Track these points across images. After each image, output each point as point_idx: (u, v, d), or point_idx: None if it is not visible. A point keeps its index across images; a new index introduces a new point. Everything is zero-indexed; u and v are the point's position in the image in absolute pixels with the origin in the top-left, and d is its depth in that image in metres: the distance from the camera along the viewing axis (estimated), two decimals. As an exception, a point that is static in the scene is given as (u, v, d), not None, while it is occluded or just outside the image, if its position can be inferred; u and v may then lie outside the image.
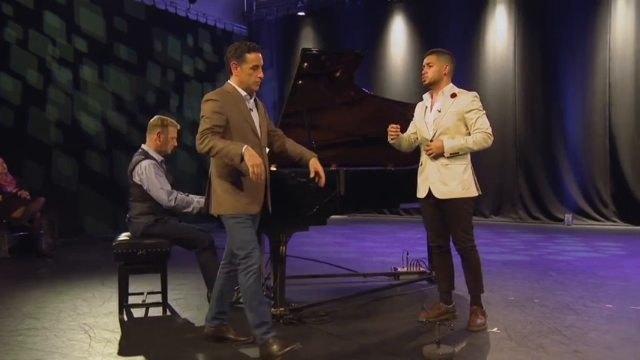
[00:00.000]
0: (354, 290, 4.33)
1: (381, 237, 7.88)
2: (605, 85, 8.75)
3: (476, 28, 9.72)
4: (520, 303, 3.95)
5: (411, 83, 10.30)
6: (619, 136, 8.67)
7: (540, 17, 9.21)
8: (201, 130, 2.83)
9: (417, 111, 3.56)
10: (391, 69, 10.63)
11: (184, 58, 10.37)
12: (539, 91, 9.28)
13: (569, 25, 8.90)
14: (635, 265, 5.42)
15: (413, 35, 10.41)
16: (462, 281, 3.63)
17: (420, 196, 3.45)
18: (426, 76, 3.41)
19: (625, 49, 8.62)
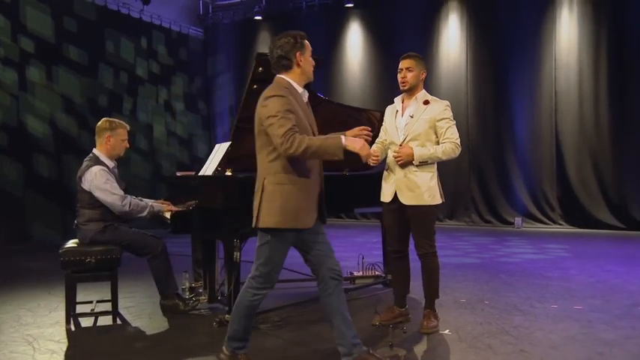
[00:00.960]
0: (310, 295, 4.32)
1: (338, 241, 7.89)
2: (552, 93, 9.12)
3: (430, 36, 9.94)
4: (471, 305, 4.05)
5: (367, 89, 10.44)
6: (564, 142, 9.05)
7: (491, 26, 9.51)
8: (284, 132, 2.46)
9: (386, 114, 3.58)
10: (348, 74, 10.74)
11: (138, 61, 10.15)
12: (490, 98, 9.58)
13: (517, 34, 9.22)
14: (579, 266, 5.66)
15: (369, 41, 10.56)
16: (416, 285, 3.70)
17: (385, 200, 3.46)
18: (405, 81, 3.41)
19: (569, 58, 9.02)
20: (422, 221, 3.36)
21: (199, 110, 11.57)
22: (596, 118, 8.80)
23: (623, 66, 8.58)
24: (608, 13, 8.68)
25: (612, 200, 8.71)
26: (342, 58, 10.74)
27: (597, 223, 8.72)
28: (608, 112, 8.72)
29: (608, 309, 3.88)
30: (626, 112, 8.57)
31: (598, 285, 4.72)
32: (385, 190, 3.47)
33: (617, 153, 8.66)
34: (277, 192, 2.56)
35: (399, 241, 3.48)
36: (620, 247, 7.05)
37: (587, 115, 8.89)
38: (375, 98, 10.13)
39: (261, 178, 2.62)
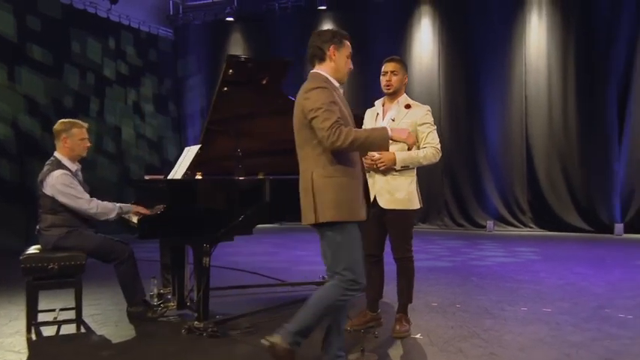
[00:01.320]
0: (282, 300, 4.32)
1: (312, 245, 7.89)
2: (522, 97, 9.32)
3: (403, 39, 10.05)
4: (442, 308, 4.10)
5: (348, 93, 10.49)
6: (534, 145, 9.25)
7: (463, 30, 9.67)
8: (330, 125, 2.40)
9: (366, 117, 3.59)
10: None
11: (105, 61, 9.97)
12: (462, 101, 9.74)
13: (489, 38, 9.39)
14: (548, 269, 5.79)
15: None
16: (389, 289, 3.73)
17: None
18: (390, 84, 3.41)
19: (538, 63, 9.24)
20: (400, 225, 3.39)
21: (169, 112, 11.44)
22: (565, 121, 9.04)
23: (590, 70, 8.83)
24: (576, 18, 8.93)
25: (581, 203, 8.94)
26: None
27: (566, 226, 8.94)
28: (576, 116, 8.96)
29: (576, 311, 3.98)
30: (593, 116, 8.81)
31: (567, 287, 4.83)
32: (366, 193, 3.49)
33: (585, 156, 8.89)
34: (329, 185, 2.52)
35: (375, 246, 3.49)
36: (589, 250, 7.24)
37: (556, 119, 9.12)
38: (348, 101, 10.16)
39: (308, 172, 2.57)
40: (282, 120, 4.28)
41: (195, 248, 3.45)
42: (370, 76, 9.77)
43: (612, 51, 8.60)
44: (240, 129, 3.92)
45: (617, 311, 3.96)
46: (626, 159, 8.66)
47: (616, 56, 8.60)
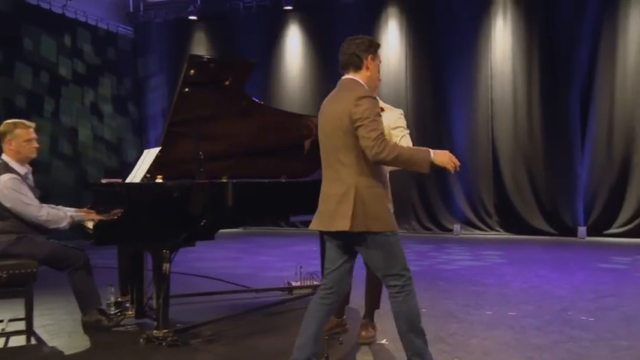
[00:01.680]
0: (245, 307, 4.30)
1: (277, 251, 7.90)
2: (488, 101, 9.53)
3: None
4: (409, 313, 4.14)
5: (307, 94, 10.51)
6: (500, 148, 9.47)
7: (430, 32, 9.82)
8: (377, 136, 2.49)
9: None
10: (287, 79, 10.76)
11: (61, 59, 9.72)
12: (429, 104, 9.89)
13: (455, 40, 9.55)
14: (514, 273, 5.93)
15: (309, 45, 10.64)
16: (355, 294, 3.75)
17: None
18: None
19: (504, 67, 9.47)
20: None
21: (129, 113, 11.23)
22: (530, 125, 9.28)
23: (554, 74, 9.10)
24: (539, 22, 9.18)
25: (545, 206, 9.19)
26: (280, 62, 10.76)
27: (532, 229, 9.17)
28: (540, 120, 9.21)
29: (540, 314, 4.09)
30: (557, 120, 9.08)
31: (531, 291, 4.96)
32: None
33: (550, 159, 9.15)
34: (372, 195, 2.60)
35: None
36: (553, 253, 7.44)
37: (521, 123, 9.36)
38: (316, 104, 10.21)
39: (348, 179, 2.60)
40: (247, 122, 4.29)
41: (154, 254, 3.40)
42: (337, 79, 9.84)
43: (574, 55, 8.88)
44: (202, 131, 3.87)
45: (580, 314, 4.08)
46: (588, 163, 8.95)
47: (578, 61, 8.89)
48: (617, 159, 8.74)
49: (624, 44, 8.70)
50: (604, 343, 3.36)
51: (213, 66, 3.80)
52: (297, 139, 4.67)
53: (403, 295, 2.69)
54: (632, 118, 8.66)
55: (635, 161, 8.63)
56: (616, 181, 8.74)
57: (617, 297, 4.65)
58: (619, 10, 8.72)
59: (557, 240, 8.73)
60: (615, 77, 8.74)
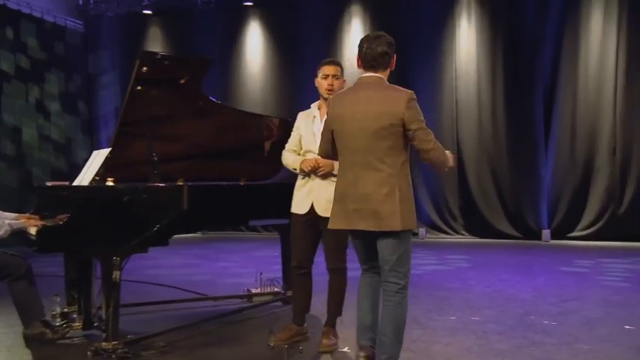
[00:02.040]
0: (202, 316, 4.25)
1: (237, 256, 7.84)
2: (453, 102, 9.71)
3: (333, 40, 10.18)
4: (372, 319, 4.18)
5: (269, 94, 10.47)
6: (465, 151, 9.66)
7: (394, 31, 9.81)
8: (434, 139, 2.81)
9: (300, 120, 3.59)
10: (247, 78, 10.69)
11: (2, 54, 9.39)
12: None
13: (420, 40, 9.66)
14: (478, 277, 6.05)
15: (270, 43, 10.60)
16: (316, 301, 3.75)
17: (300, 211, 3.47)
18: (333, 89, 3.41)
19: (468, 67, 9.66)
20: (337, 234, 3.39)
21: (79, 112, 10.94)
22: (494, 127, 9.48)
23: (517, 75, 9.33)
24: (503, 23, 9.38)
25: (510, 209, 9.42)
26: (240, 60, 10.68)
27: (496, 232, 9.38)
28: (505, 122, 9.42)
29: (503, 319, 4.18)
30: (521, 122, 9.31)
31: (494, 295, 5.07)
32: (300, 201, 3.48)
33: (514, 162, 9.38)
34: (411, 194, 2.81)
35: (307, 258, 3.52)
36: (517, 257, 7.64)
37: (485, 125, 9.57)
38: (278, 103, 10.20)
39: (392, 179, 2.75)
40: (204, 122, 4.26)
41: (103, 261, 3.32)
42: (300, 78, 9.87)
43: (538, 56, 9.14)
44: (156, 131, 3.81)
45: (542, 318, 4.20)
46: (552, 165, 9.23)
47: (541, 62, 9.16)
48: (580, 161, 9.04)
49: (586, 46, 9.01)
50: (566, 347, 3.47)
51: (167, 63, 3.77)
52: (257, 140, 4.67)
53: (400, 297, 2.82)
54: (595, 119, 8.97)
55: (598, 164, 8.94)
56: (579, 184, 9.04)
57: (579, 300, 4.81)
58: (581, 11, 9.03)
59: (521, 243, 8.96)
60: (578, 78, 9.04)
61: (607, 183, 8.88)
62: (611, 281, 5.75)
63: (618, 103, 8.82)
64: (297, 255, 3.55)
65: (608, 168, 8.87)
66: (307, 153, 3.51)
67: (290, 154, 3.59)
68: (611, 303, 4.70)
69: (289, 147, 3.63)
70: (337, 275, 3.50)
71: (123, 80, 10.88)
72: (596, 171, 8.96)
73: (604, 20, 8.91)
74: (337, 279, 3.51)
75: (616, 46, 8.82)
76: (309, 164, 3.39)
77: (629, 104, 8.80)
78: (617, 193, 8.83)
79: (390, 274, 2.82)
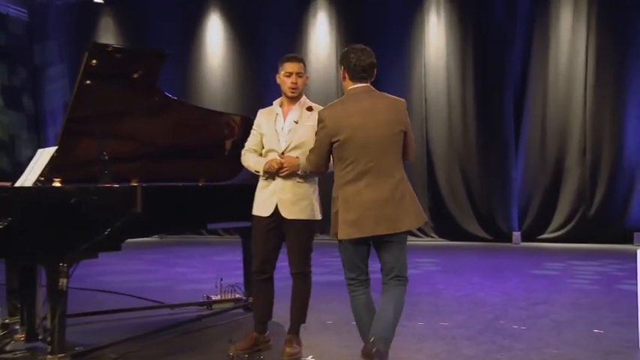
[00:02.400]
0: (158, 325, 4.19)
1: (196, 261, 7.78)
2: (422, 100, 9.84)
3: (297, 34, 10.20)
4: (337, 327, 4.19)
5: (231, 90, 10.41)
6: (435, 150, 9.80)
7: (361, 25, 10.00)
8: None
9: (261, 118, 3.56)
10: (207, 73, 10.60)
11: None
12: (361, 103, 10.05)
13: (389, 35, 9.77)
14: (447, 281, 6.15)
15: (232, 37, 10.54)
16: (278, 307, 3.75)
17: (263, 214, 3.46)
18: (296, 87, 3.44)
19: (438, 64, 9.80)
20: (302, 237, 3.44)
21: (24, 107, 10.65)
22: (464, 126, 9.65)
23: (488, 73, 9.53)
24: (473, 20, 9.61)
25: (480, 211, 9.61)
26: (200, 53, 10.60)
27: (466, 234, 9.56)
28: (474, 121, 9.61)
29: (471, 324, 4.26)
30: (491, 121, 9.52)
31: (463, 299, 5.15)
32: (263, 203, 3.47)
33: (484, 162, 9.58)
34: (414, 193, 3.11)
35: (269, 262, 3.51)
36: (487, 260, 7.79)
37: (455, 124, 9.72)
38: (240, 100, 10.15)
39: (401, 183, 3.04)
40: (160, 119, 4.20)
41: (48, 268, 3.24)
42: (263, 73, 9.82)
43: (508, 54, 9.37)
44: (108, 129, 3.74)
45: (512, 322, 4.29)
46: (522, 165, 9.46)
47: (511, 59, 9.38)
48: (551, 161, 9.29)
49: (556, 44, 9.27)
50: (535, 352, 3.55)
51: (119, 56, 3.72)
52: (217, 139, 4.65)
53: (405, 287, 3.23)
54: (565, 118, 9.23)
55: (568, 164, 9.20)
56: (549, 185, 9.29)
57: (549, 304, 4.93)
58: (550, 8, 9.30)
59: (492, 246, 9.13)
60: (548, 77, 9.29)
61: (577, 184, 9.15)
62: (581, 284, 5.92)
63: (588, 101, 9.11)
64: (259, 259, 3.53)
65: (579, 168, 9.14)
66: (270, 153, 3.49)
67: (251, 155, 3.57)
68: (580, 306, 4.84)
69: (249, 146, 3.60)
70: (302, 280, 3.51)
71: (72, 73, 10.65)
72: (566, 171, 9.23)
73: (573, 18, 9.19)
74: (301, 284, 3.51)
75: (585, 44, 9.10)
76: (274, 165, 3.37)
77: (599, 103, 9.10)
78: (588, 194, 9.12)
79: (404, 270, 3.22)
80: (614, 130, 9.08)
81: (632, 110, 9.01)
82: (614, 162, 9.05)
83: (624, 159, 9.03)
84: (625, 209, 9.04)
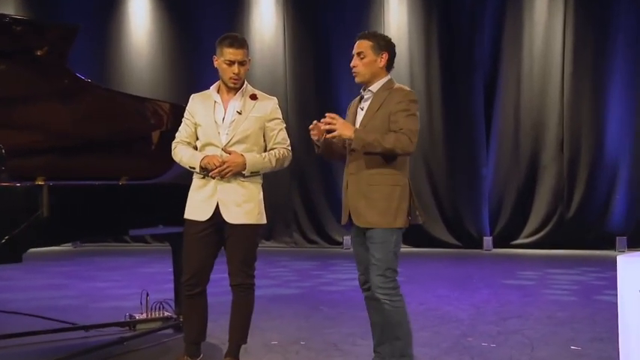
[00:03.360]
0: (70, 350, 4.08)
1: (118, 274, 7.65)
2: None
3: (239, 12, 10.11)
4: (283, 347, 4.18)
5: (159, 72, 10.23)
6: (396, 146, 9.89)
7: (312, 3, 10.00)
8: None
9: (197, 105, 3.51)
10: (130, 52, 10.39)
11: None
12: (313, 90, 10.05)
13: (343, 16, 9.81)
14: (409, 293, 6.11)
15: (160, 8, 10.35)
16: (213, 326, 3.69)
17: (199, 218, 3.43)
18: (239, 78, 3.41)
19: (399, 48, 9.78)
20: (246, 244, 3.45)
21: None
22: (429, 118, 9.75)
23: (455, 59, 9.67)
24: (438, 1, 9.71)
25: (447, 214, 9.76)
26: (121, 29, 10.39)
27: (432, 240, 9.68)
28: (441, 112, 9.74)
29: (436, 342, 4.30)
30: (459, 113, 9.67)
31: (428, 314, 5.21)
32: (199, 205, 3.44)
33: (451, 159, 9.72)
34: None
35: (201, 272, 3.47)
36: (455, 268, 7.92)
37: (419, 116, 9.79)
38: (171, 84, 9.98)
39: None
40: (71, 106, 4.11)
41: None
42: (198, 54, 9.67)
43: (477, 39, 9.52)
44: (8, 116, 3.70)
45: (481, 339, 4.35)
46: (494, 162, 9.65)
47: (481, 45, 9.54)
48: (525, 157, 9.52)
49: (530, 27, 9.49)
50: (505, 372, 3.61)
51: (20, 29, 3.61)
52: (141, 130, 4.62)
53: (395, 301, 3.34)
54: (540, 110, 9.47)
55: (544, 161, 9.45)
56: (524, 184, 9.53)
57: (522, 318, 5.03)
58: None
59: (460, 253, 9.30)
60: (521, 64, 9.51)
61: (554, 182, 9.40)
62: (557, 295, 6.08)
63: (566, 91, 9.37)
64: (190, 270, 3.49)
65: (555, 166, 9.39)
66: (207, 147, 3.44)
67: (184, 148, 3.50)
68: (555, 320, 4.95)
69: (181, 138, 3.55)
70: (244, 293, 3.50)
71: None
72: (542, 169, 9.47)
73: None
74: (245, 298, 3.51)
75: (563, 26, 9.35)
76: (213, 162, 3.31)
77: (578, 93, 9.37)
78: (565, 194, 9.38)
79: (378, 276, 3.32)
80: (594, 122, 9.37)
81: (613, 100, 9.29)
82: (594, 158, 9.34)
83: (605, 154, 9.32)
84: (606, 211, 9.35)
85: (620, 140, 9.30)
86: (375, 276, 3.25)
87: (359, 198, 3.28)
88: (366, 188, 3.26)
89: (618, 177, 9.29)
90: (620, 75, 9.25)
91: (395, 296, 3.26)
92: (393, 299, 3.25)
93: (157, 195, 4.30)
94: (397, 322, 3.26)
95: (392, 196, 3.25)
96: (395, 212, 3.25)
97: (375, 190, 3.25)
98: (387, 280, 3.25)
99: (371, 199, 3.25)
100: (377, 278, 3.24)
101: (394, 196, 3.25)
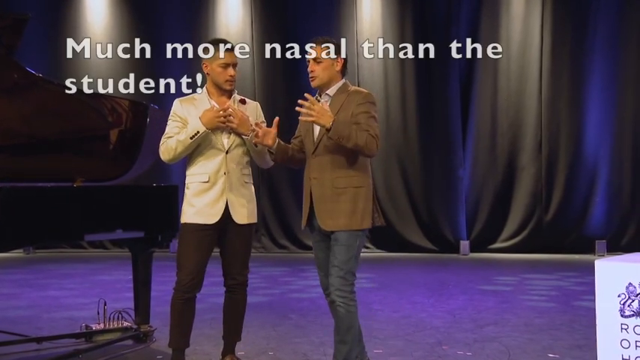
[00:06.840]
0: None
1: (73, 281, 7.57)
2: (354, 84, 9.91)
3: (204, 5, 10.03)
4: (250, 359, 4.17)
5: (119, 66, 10.09)
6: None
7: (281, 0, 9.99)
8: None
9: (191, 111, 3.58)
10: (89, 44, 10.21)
11: None
12: (282, 88, 10.04)
13: (312, 11, 9.82)
14: (383, 300, 6.22)
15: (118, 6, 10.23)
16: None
17: (210, 221, 3.53)
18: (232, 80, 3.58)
19: (372, 41, 9.88)
20: (247, 243, 3.73)
21: None
22: (403, 117, 9.83)
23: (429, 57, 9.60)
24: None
25: (422, 217, 9.82)
26: (76, 20, 10.22)
27: (407, 245, 9.74)
28: (415, 111, 9.80)
29: (410, 351, 4.32)
30: (434, 111, 9.73)
31: (402, 321, 5.23)
32: (207, 210, 3.53)
33: (426, 160, 9.79)
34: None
35: (199, 277, 3.58)
36: (431, 274, 7.97)
37: (393, 115, 9.87)
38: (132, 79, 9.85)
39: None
40: (18, 102, 4.07)
41: None
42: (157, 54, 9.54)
43: (452, 34, 9.58)
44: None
45: (456, 347, 4.38)
46: (470, 163, 9.74)
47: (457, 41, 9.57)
48: (502, 158, 9.63)
49: (507, 21, 9.59)
50: (481, 382, 3.64)
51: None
52: (98, 129, 4.58)
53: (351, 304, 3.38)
54: (518, 109, 9.58)
55: (522, 162, 9.56)
56: (501, 186, 9.64)
57: (499, 325, 5.08)
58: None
59: (436, 258, 9.36)
60: (498, 60, 9.57)
61: (532, 184, 9.53)
62: (535, 301, 6.15)
63: (544, 89, 9.50)
64: (190, 274, 3.55)
65: (533, 167, 9.52)
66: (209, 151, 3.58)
67: (172, 138, 3.54)
68: (533, 327, 5.01)
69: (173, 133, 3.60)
70: (243, 290, 3.75)
71: None
72: (520, 170, 9.59)
73: (526, -8, 9.54)
74: (243, 296, 3.76)
75: (540, 22, 9.48)
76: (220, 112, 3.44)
77: (556, 91, 9.50)
78: (544, 196, 9.51)
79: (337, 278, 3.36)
80: (573, 122, 9.51)
81: (592, 99, 9.45)
82: (573, 159, 9.48)
83: (584, 156, 9.48)
84: (585, 214, 9.50)
85: (599, 141, 9.46)
86: (335, 277, 3.32)
87: (324, 201, 3.35)
88: (331, 191, 3.33)
89: (597, 179, 9.44)
90: (600, 75, 9.40)
91: (351, 301, 3.35)
92: (349, 304, 3.33)
93: (114, 197, 4.28)
94: (347, 326, 3.35)
95: (357, 198, 3.35)
96: (362, 213, 3.35)
97: (340, 192, 3.33)
98: (347, 284, 3.33)
99: (337, 202, 3.32)
100: (337, 280, 3.31)
101: (360, 197, 3.35)
